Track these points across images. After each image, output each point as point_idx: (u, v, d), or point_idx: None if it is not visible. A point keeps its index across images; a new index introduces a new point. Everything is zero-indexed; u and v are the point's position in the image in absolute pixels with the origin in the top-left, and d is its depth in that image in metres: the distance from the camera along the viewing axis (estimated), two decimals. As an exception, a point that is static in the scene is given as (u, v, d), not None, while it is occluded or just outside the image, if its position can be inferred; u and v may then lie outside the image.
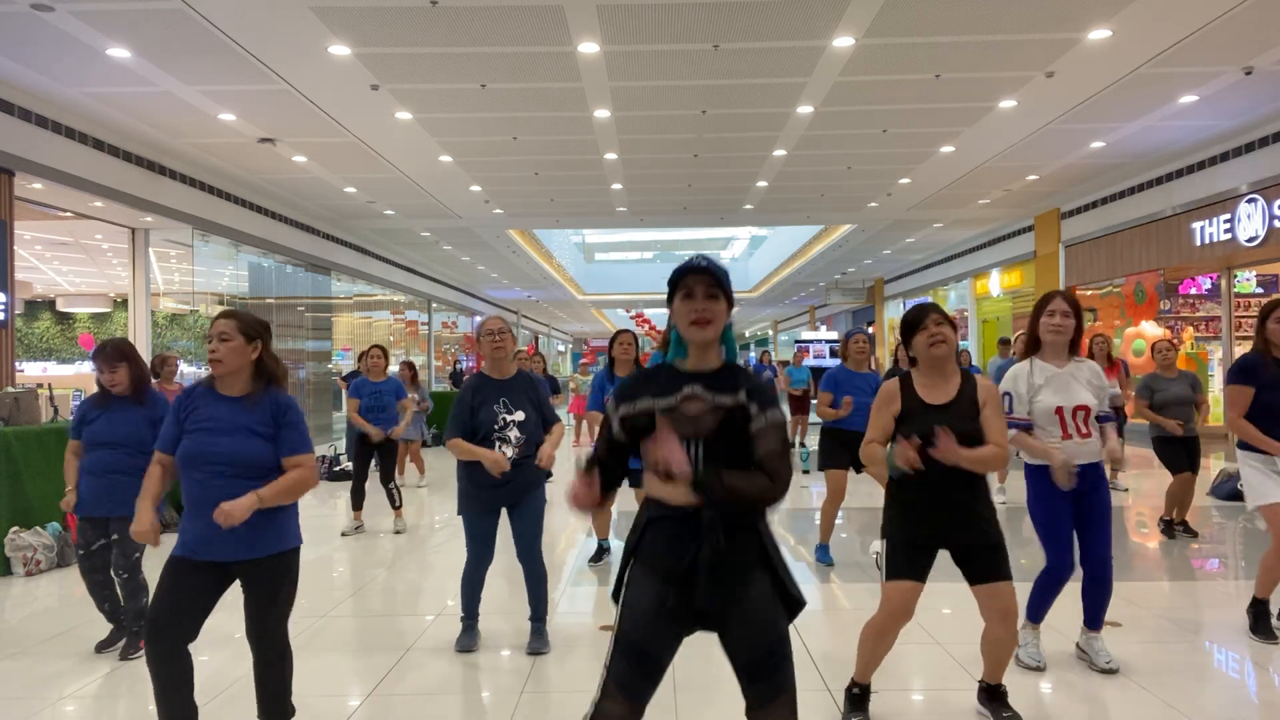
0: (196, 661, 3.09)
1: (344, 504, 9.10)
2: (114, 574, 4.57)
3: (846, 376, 6.23)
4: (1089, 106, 10.48)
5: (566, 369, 49.77)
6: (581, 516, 2.22)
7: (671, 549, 2.32)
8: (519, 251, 22.44)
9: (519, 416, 4.46)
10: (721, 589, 2.31)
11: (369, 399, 8.04)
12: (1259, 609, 4.64)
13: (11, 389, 7.53)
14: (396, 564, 6.76)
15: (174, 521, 7.42)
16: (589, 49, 8.46)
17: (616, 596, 2.42)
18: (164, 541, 3.32)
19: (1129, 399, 8.29)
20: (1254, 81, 9.63)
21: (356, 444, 8.18)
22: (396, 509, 8.06)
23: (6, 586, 6.21)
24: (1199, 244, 13.10)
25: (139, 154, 11.29)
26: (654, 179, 14.54)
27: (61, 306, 22.68)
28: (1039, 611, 4.18)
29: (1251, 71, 9.29)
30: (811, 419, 18.97)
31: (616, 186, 14.92)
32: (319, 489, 10.89)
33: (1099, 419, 4.00)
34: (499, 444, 4.44)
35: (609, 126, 11.22)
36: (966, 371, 3.47)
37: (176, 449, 3.07)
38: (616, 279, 38.10)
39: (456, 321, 30.49)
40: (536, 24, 7.84)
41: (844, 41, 8.37)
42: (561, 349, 61.52)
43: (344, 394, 10.61)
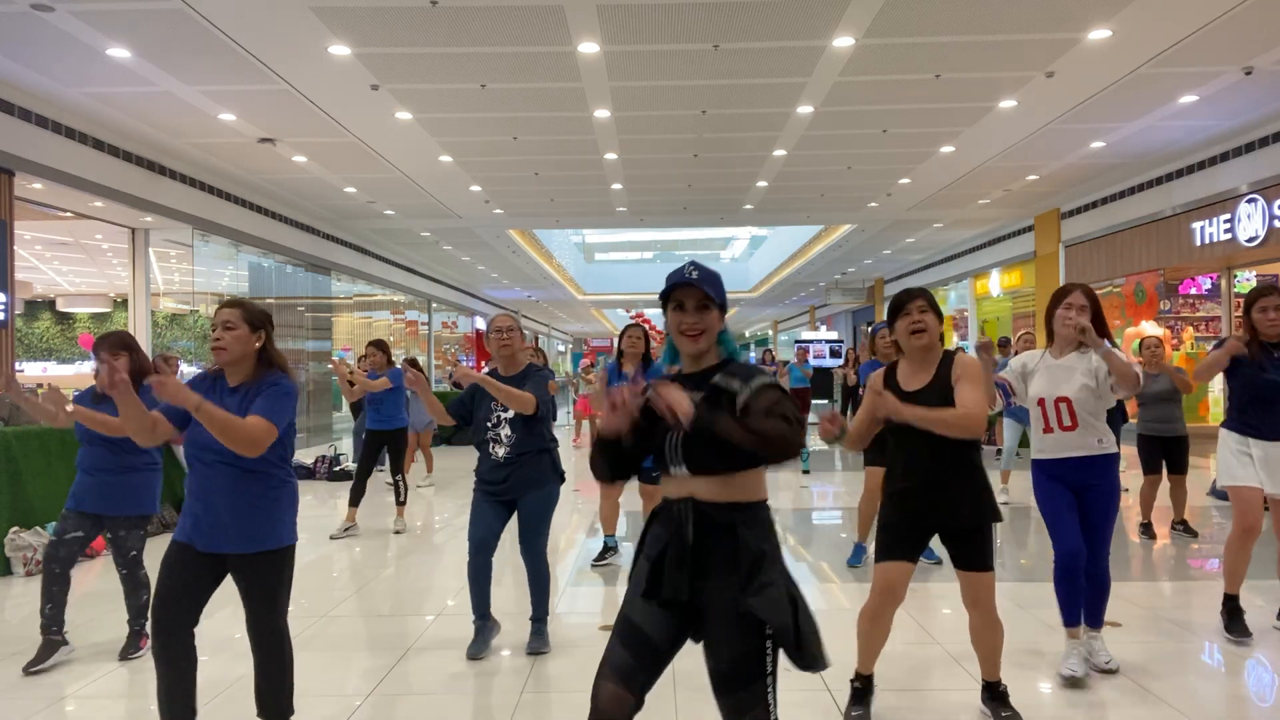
0: (197, 661, 3.10)
1: (344, 504, 9.08)
2: (116, 569, 4.54)
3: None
4: (1089, 106, 10.48)
5: (567, 369, 49.75)
6: (609, 423, 2.04)
7: (657, 537, 2.41)
8: (519, 251, 22.44)
9: (511, 413, 4.42)
10: (681, 580, 2.32)
11: (371, 393, 8.03)
12: (1231, 605, 4.59)
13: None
14: (397, 564, 6.75)
15: (173, 522, 7.41)
16: (589, 49, 8.46)
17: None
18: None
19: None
20: (1254, 81, 9.63)
21: (368, 438, 8.12)
22: (400, 505, 8.05)
23: (6, 586, 6.22)
24: (1199, 244, 13.10)
25: (139, 154, 11.29)
26: (654, 179, 14.54)
27: (61, 306, 22.70)
28: (1070, 612, 3.94)
29: (1251, 71, 9.29)
30: (812, 418, 19.05)
31: (616, 186, 14.92)
32: (319, 489, 10.88)
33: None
34: (491, 444, 4.42)
35: (609, 126, 11.22)
36: (949, 354, 3.43)
37: (175, 419, 3.04)
38: (616, 279, 38.11)
39: (456, 322, 30.48)
40: (536, 24, 7.84)
41: (844, 41, 8.38)
42: (561, 349, 61.53)
43: (343, 395, 10.59)
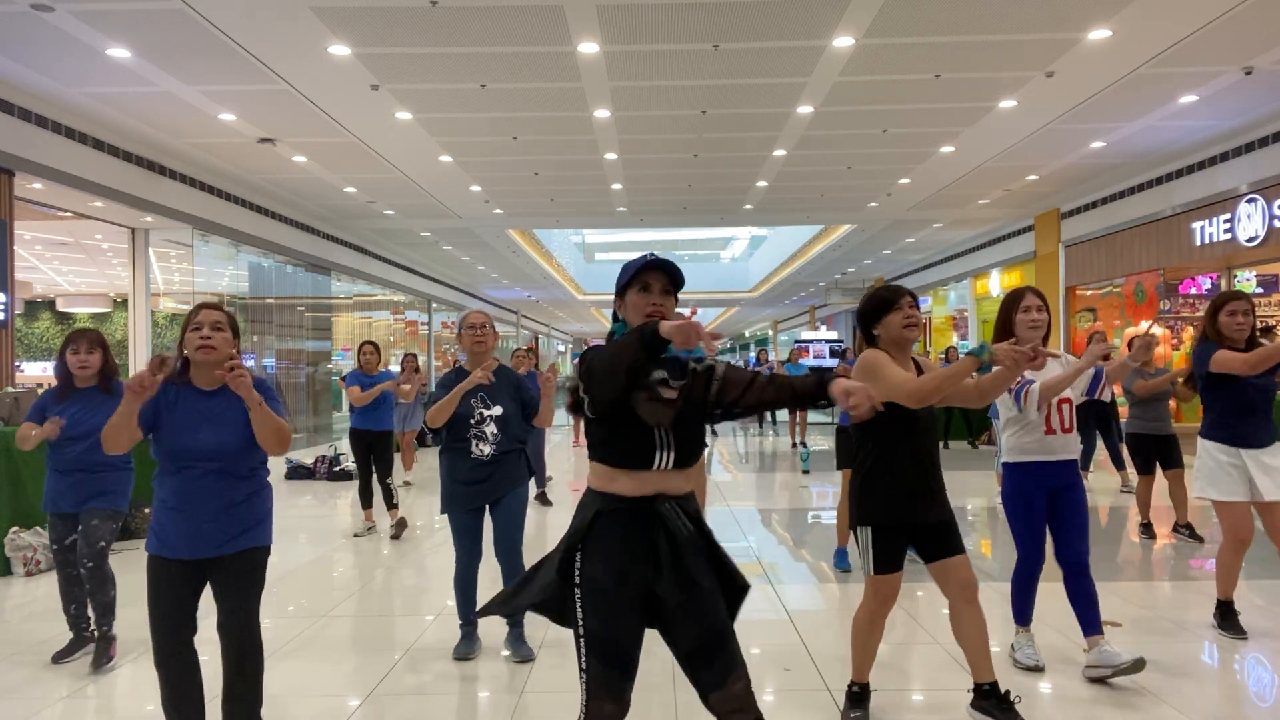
0: (200, 667, 3.09)
1: (344, 504, 9.10)
2: (80, 565, 4.45)
3: None
4: (1089, 106, 10.47)
5: (567, 369, 49.74)
6: (679, 332, 2.04)
7: (628, 545, 2.38)
8: (519, 251, 22.44)
9: (496, 411, 4.37)
10: (681, 578, 2.38)
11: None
12: (1224, 608, 4.69)
13: (11, 389, 7.53)
14: (395, 565, 6.76)
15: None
16: (589, 49, 8.46)
17: (565, 575, 2.43)
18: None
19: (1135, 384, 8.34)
20: (1254, 81, 9.62)
21: (353, 441, 8.12)
22: (392, 508, 7.97)
23: (6, 586, 6.22)
24: (1199, 244, 13.09)
25: (139, 154, 11.29)
26: (654, 179, 14.53)
27: (61, 306, 22.72)
28: (1024, 612, 4.21)
29: (1251, 71, 9.28)
30: (811, 418, 19.03)
31: (616, 186, 14.92)
32: (319, 489, 10.89)
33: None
34: (475, 441, 4.34)
35: (609, 126, 11.22)
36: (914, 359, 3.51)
37: (143, 422, 2.99)
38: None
39: (456, 322, 30.49)
40: (536, 24, 7.84)
41: (844, 41, 8.37)
42: (561, 349, 61.53)
43: (343, 394, 10.60)
